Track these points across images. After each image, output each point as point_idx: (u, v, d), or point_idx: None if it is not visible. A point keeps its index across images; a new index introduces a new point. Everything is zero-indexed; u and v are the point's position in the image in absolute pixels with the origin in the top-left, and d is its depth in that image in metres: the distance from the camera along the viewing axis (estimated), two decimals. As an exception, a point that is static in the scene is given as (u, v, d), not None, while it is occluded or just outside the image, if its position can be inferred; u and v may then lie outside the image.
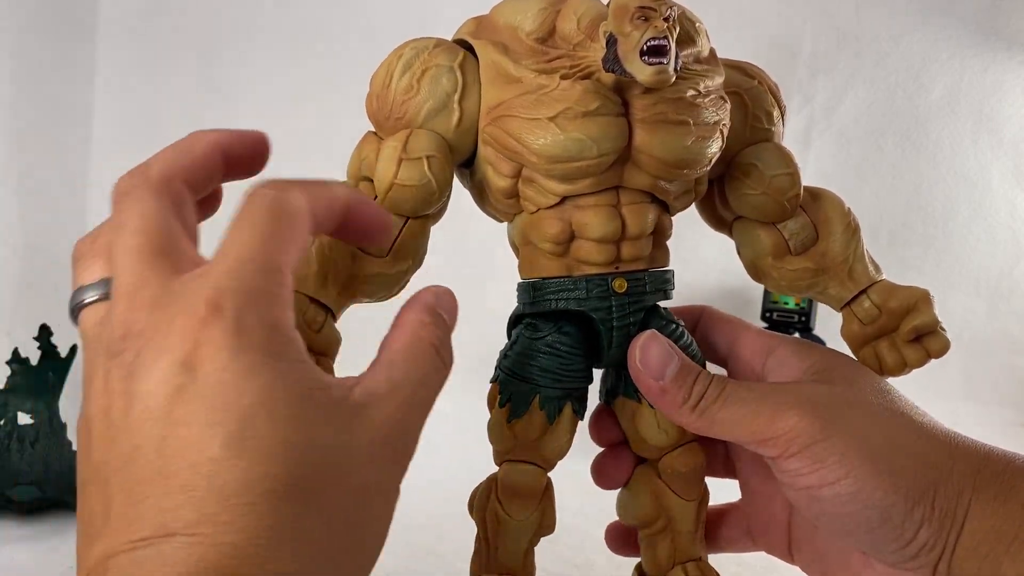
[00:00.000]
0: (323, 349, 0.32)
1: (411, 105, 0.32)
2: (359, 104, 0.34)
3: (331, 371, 0.32)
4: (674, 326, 0.34)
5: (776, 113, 0.35)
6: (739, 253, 0.36)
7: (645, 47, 0.28)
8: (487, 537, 0.34)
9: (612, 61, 0.29)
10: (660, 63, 0.28)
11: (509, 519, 0.34)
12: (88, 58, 0.93)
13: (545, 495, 0.35)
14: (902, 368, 0.33)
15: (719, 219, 0.37)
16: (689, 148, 0.30)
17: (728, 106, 0.32)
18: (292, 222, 0.23)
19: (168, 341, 0.21)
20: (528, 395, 0.33)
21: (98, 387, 0.22)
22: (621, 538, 0.39)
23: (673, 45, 0.28)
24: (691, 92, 0.31)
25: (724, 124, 0.31)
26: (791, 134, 0.93)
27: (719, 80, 0.32)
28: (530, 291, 0.34)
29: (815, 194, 0.35)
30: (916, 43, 0.85)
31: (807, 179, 0.34)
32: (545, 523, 0.35)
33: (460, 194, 0.37)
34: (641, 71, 0.28)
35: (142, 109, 0.94)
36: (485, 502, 0.34)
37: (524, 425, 0.34)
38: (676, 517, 0.35)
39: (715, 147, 0.31)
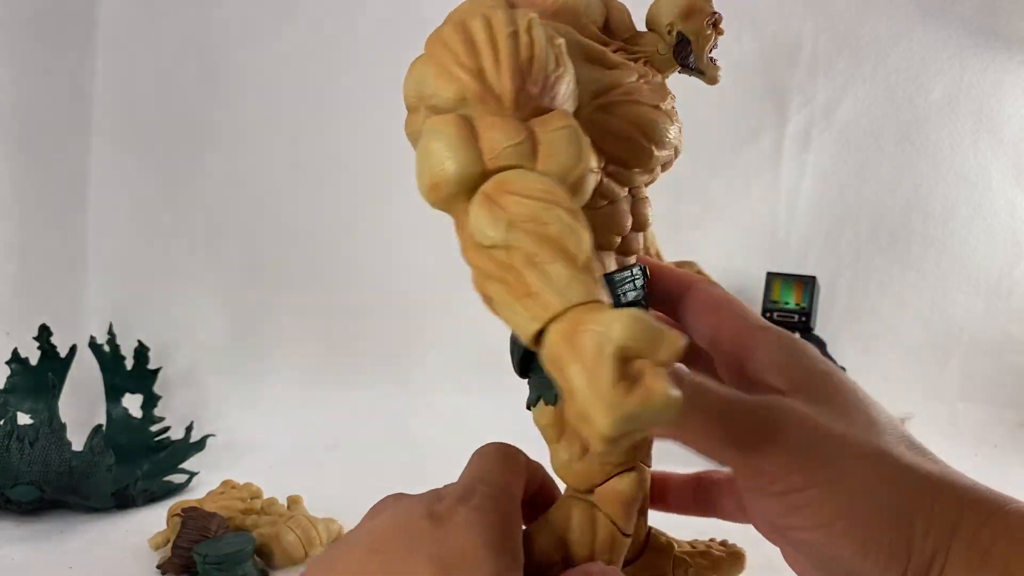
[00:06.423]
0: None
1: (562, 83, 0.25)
2: (360, 101, 0.34)
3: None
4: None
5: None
6: None
7: (711, 50, 0.31)
8: None
9: (685, 56, 0.31)
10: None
11: None
12: (88, 58, 0.93)
13: None
14: None
15: None
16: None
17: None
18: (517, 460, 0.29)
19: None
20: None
21: None
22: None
23: None
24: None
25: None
26: (792, 134, 0.93)
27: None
28: None
29: None
30: (916, 43, 0.85)
31: (807, 179, 0.33)
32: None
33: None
34: (712, 71, 0.31)
35: (142, 109, 0.94)
36: None
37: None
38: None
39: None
